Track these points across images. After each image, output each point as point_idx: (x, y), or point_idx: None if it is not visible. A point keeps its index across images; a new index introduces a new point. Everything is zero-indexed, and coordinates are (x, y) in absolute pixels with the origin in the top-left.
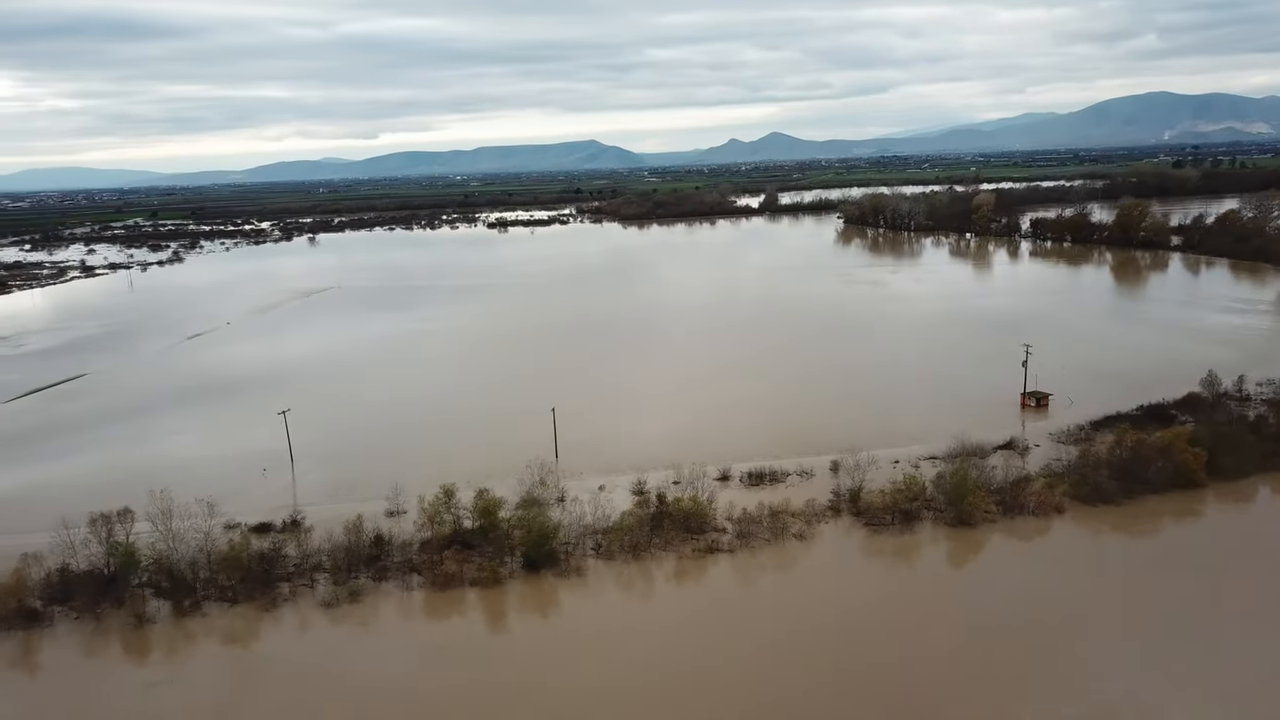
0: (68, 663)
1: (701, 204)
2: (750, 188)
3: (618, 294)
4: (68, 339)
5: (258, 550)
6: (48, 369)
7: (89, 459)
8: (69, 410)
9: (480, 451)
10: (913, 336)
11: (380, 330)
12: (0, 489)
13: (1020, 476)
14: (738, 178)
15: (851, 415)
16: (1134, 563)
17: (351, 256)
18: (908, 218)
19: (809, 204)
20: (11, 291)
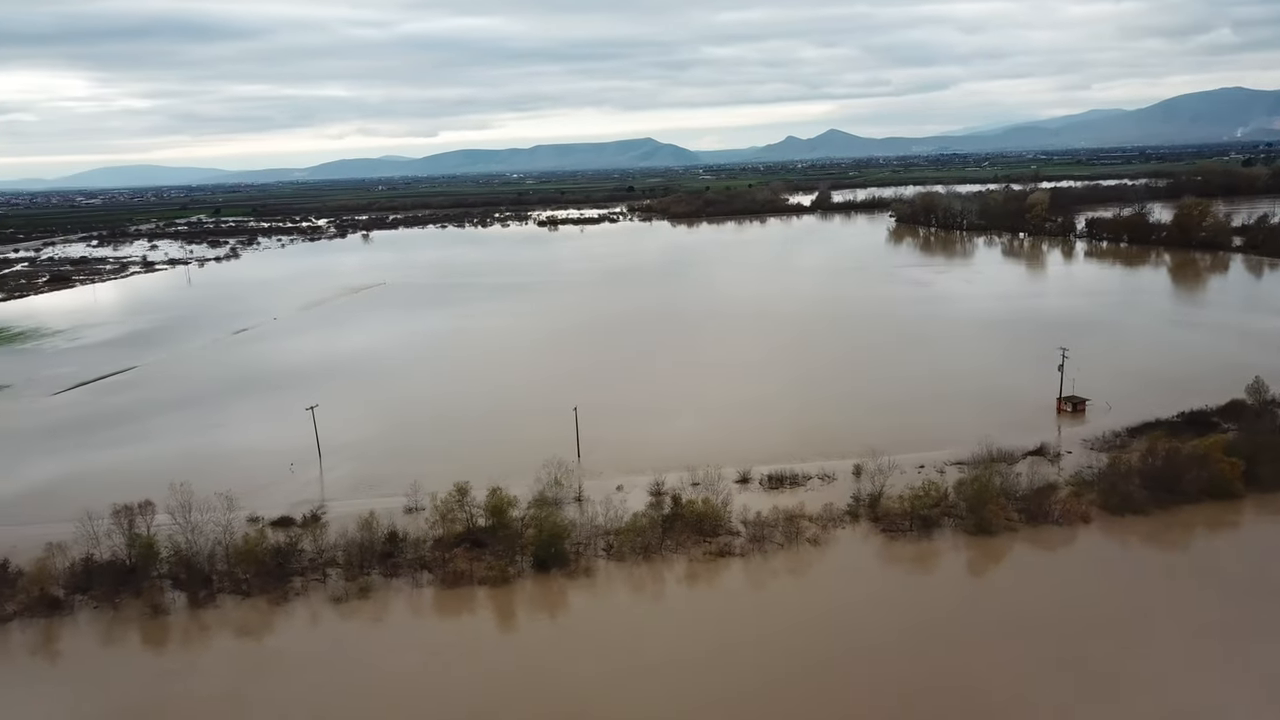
0: (86, 651)
1: (752, 202)
2: (804, 186)
3: (658, 292)
4: (122, 333)
5: (272, 545)
6: (100, 362)
7: (127, 451)
8: (114, 402)
9: (507, 449)
10: (953, 338)
11: (421, 327)
12: (40, 479)
13: (1045, 484)
14: (793, 175)
15: (882, 418)
16: (1161, 574)
17: (402, 253)
18: (960, 217)
19: (861, 202)
20: (74, 286)
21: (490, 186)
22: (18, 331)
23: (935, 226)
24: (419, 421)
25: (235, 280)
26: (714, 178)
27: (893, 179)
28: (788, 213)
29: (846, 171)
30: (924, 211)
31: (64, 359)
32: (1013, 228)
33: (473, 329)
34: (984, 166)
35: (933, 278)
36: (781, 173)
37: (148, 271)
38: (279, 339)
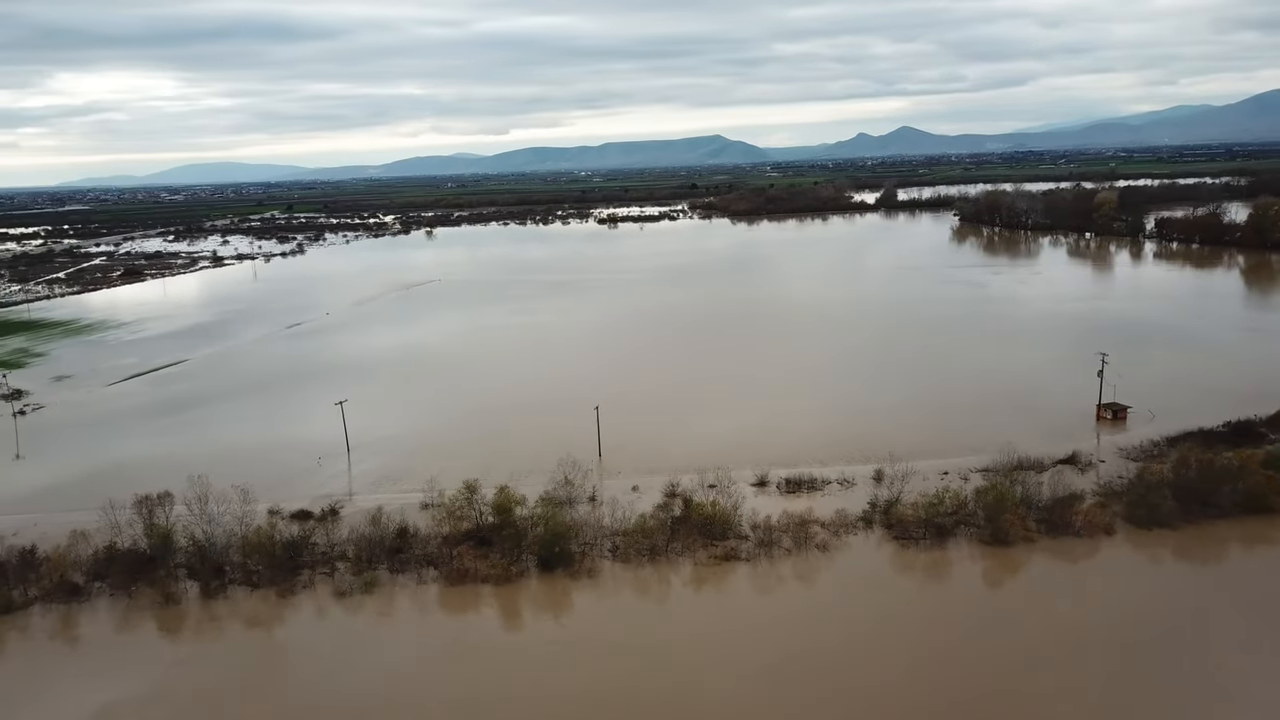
0: (102, 638)
1: (815, 199)
2: (871, 183)
3: (704, 291)
4: (182, 326)
5: (284, 538)
6: (157, 354)
7: (168, 441)
8: (163, 393)
9: (534, 446)
10: (1000, 341)
11: (466, 324)
12: (81, 467)
13: (1067, 494)
14: (861, 173)
15: (915, 422)
16: (1184, 590)
17: (461, 250)
18: (1024, 216)
19: (927, 200)
20: (145, 280)
21: (557, 184)
22: (86, 323)
23: (999, 226)
24: (451, 417)
25: (297, 275)
26: (781, 175)
27: (963, 177)
28: (851, 210)
29: (916, 169)
30: (988, 211)
31: (125, 350)
32: (1079, 227)
33: (516, 326)
34: (1059, 164)
35: (989, 279)
36: (850, 170)
37: (216, 266)
38: (327, 334)
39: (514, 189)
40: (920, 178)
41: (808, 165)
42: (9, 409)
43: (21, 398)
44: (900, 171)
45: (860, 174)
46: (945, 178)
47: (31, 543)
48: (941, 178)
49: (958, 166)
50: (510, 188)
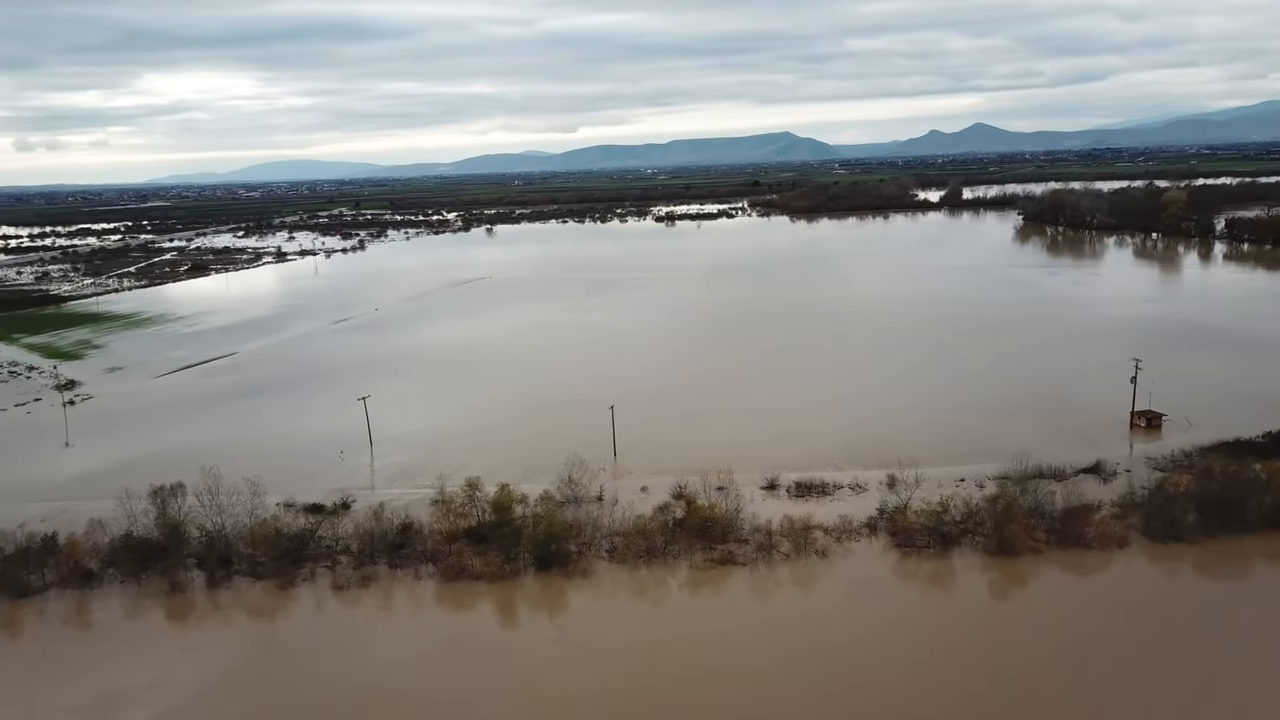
0: (112, 624)
1: (878, 197)
2: (938, 181)
3: (749, 290)
4: (237, 319)
5: (289, 530)
6: (209, 347)
7: (203, 431)
8: (207, 385)
9: (552, 444)
10: (1043, 343)
11: (508, 321)
12: (116, 457)
13: (1079, 504)
14: (930, 170)
15: (939, 426)
16: (1197, 608)
17: (517, 247)
18: (1089, 215)
19: (991, 199)
20: (210, 274)
21: (622, 182)
22: (146, 317)
23: (1063, 226)
24: (477, 414)
25: (354, 271)
26: (848, 173)
27: (1036, 175)
28: (913, 209)
29: (987, 167)
30: (1052, 210)
31: (178, 343)
32: (1145, 228)
33: (556, 324)
34: (1137, 162)
35: (1044, 280)
36: (919, 167)
37: (279, 262)
38: (371, 330)
39: (577, 187)
40: (990, 176)
41: (876, 163)
42: (60, 399)
43: (74, 388)
44: (970, 169)
45: (929, 172)
46: (1016, 176)
47: (54, 530)
48: (1012, 176)
49: (1030, 164)
50: (573, 185)
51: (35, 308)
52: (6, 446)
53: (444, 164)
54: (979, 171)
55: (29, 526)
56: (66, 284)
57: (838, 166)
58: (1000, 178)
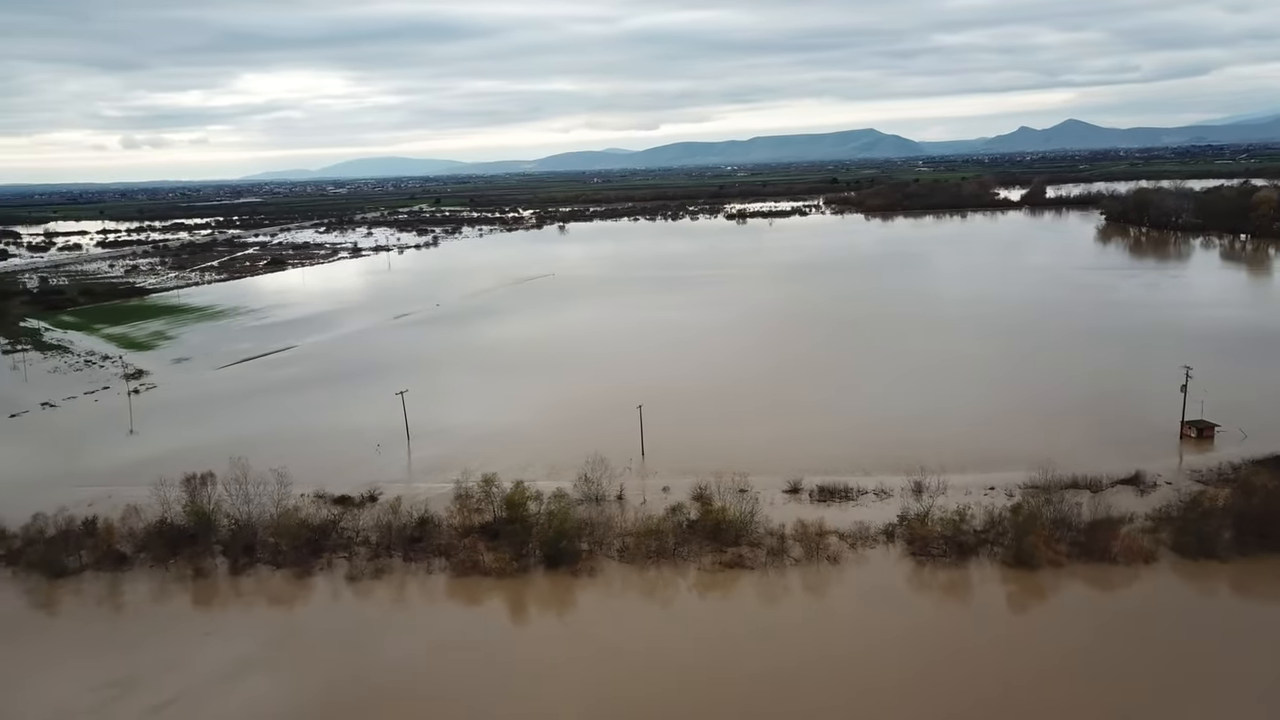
0: (139, 606)
1: (957, 196)
2: (1024, 179)
3: (810, 289)
4: (304, 313)
5: (312, 520)
6: (270, 340)
7: (252, 421)
8: (264, 377)
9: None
10: (1103, 348)
11: (564, 318)
12: (166, 445)
13: (1105, 517)
14: (1017, 168)
15: (978, 431)
16: (1222, 630)
17: (584, 245)
18: (1174, 215)
19: (1074, 198)
20: (286, 269)
21: (700, 179)
22: (220, 309)
23: (1147, 226)
24: (517, 410)
25: (424, 268)
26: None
27: (1128, 173)
28: (993, 208)
29: (1077, 165)
30: (1135, 209)
31: (245, 336)
32: (1234, 229)
33: (610, 321)
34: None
35: (1118, 282)
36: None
37: (354, 257)
38: (429, 326)
39: (653, 184)
40: (1080, 174)
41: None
42: (126, 388)
43: (141, 377)
44: (1059, 167)
45: (1016, 169)
46: (1107, 174)
47: (94, 514)
48: (1102, 173)
49: (1124, 162)
50: (650, 183)
51: (121, 299)
52: (72, 432)
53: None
54: (1067, 169)
55: (77, 510)
56: (153, 277)
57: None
58: (1089, 176)
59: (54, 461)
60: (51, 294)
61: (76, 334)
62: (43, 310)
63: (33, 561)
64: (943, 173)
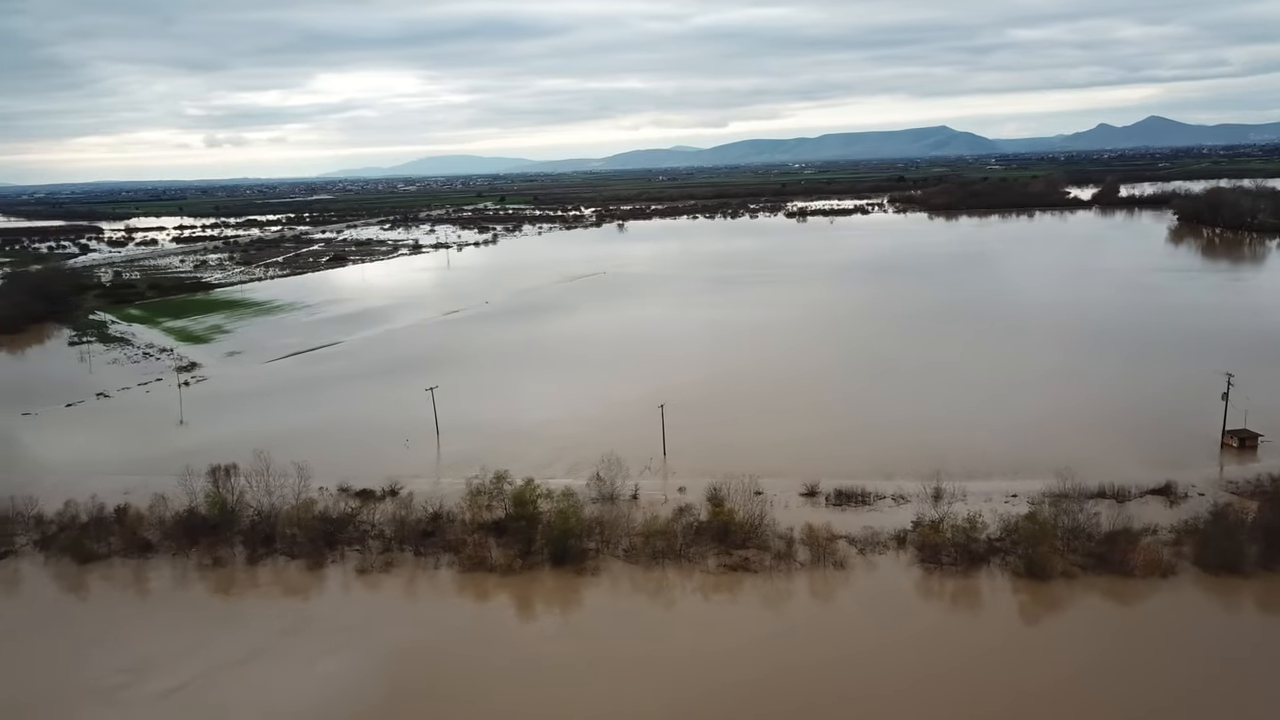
0: (161, 592)
1: (1024, 195)
2: (1099, 177)
3: (858, 289)
4: (356, 309)
5: (331, 513)
6: (320, 335)
7: (292, 414)
8: (308, 371)
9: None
10: (1150, 353)
11: (609, 316)
12: (205, 436)
13: (1122, 528)
14: (1094, 166)
15: (1015, 438)
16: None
17: (640, 243)
18: (1249, 215)
19: (1148, 197)
20: (347, 265)
21: (765, 177)
22: (278, 304)
23: (1221, 226)
24: (550, 406)
25: (480, 264)
26: (1004, 168)
27: (1210, 171)
28: (1062, 207)
29: (1156, 163)
30: (1209, 209)
31: (297, 330)
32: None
33: (654, 319)
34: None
35: (1180, 285)
36: (1082, 163)
37: (414, 254)
38: (476, 322)
39: (717, 182)
40: (1158, 172)
41: (1036, 158)
42: (177, 380)
43: (193, 370)
44: (1136, 165)
45: (1092, 168)
46: (1186, 172)
47: (126, 502)
48: (1181, 172)
49: (1207, 160)
50: (715, 181)
51: (187, 294)
52: (123, 422)
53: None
54: (1146, 167)
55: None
56: (220, 272)
57: (993, 162)
58: (1168, 174)
59: (102, 450)
60: (122, 288)
61: (140, 327)
62: (112, 303)
63: (63, 546)
64: (1014, 171)
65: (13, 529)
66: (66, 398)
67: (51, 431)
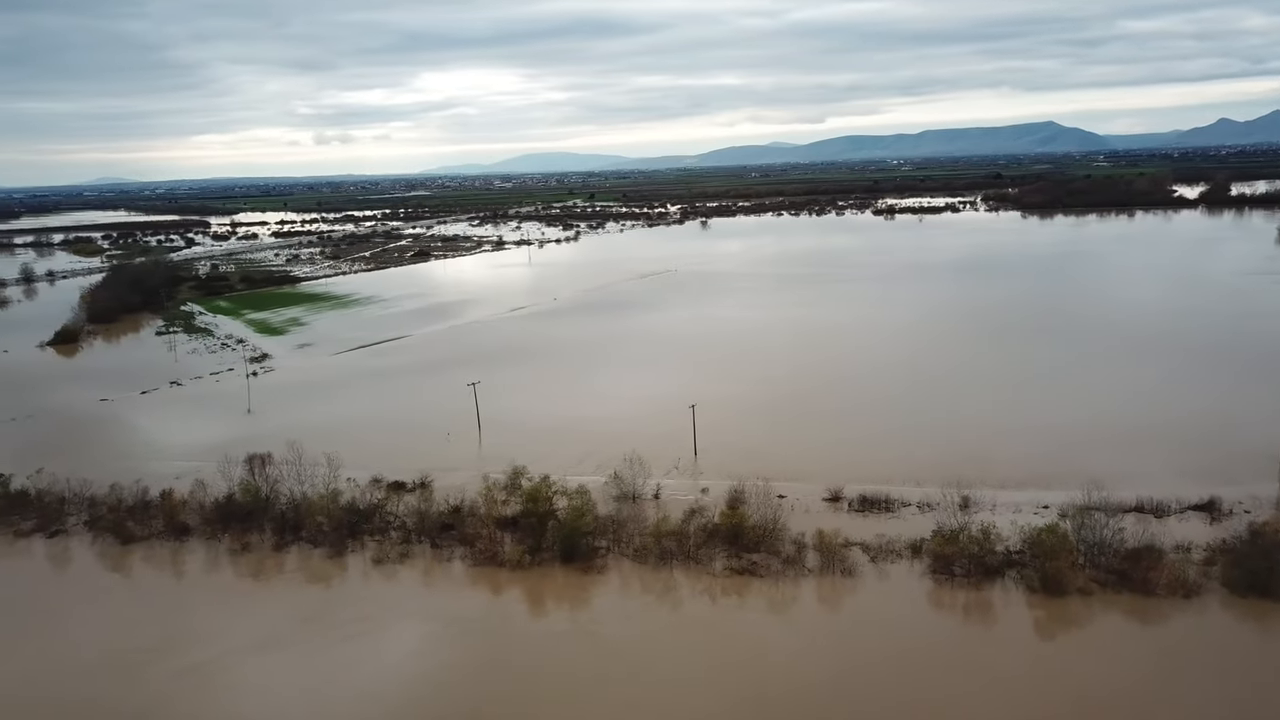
0: (191, 575)
1: (1126, 193)
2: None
3: (928, 290)
4: (428, 303)
5: (357, 504)
6: (390, 328)
7: (348, 405)
8: (371, 364)
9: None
10: (1226, 362)
11: (671, 315)
12: (267, 425)
13: (1145, 544)
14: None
15: (1063, 448)
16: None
17: (719, 241)
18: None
19: (1260, 196)
20: (429, 260)
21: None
22: (356, 298)
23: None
24: (596, 404)
25: (557, 261)
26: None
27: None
28: (1167, 206)
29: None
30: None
31: (368, 324)
32: None
33: (717, 319)
34: None
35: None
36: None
37: (496, 250)
38: (540, 319)
39: (808, 179)
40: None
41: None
42: (246, 370)
43: (264, 361)
44: (1256, 162)
45: (1207, 165)
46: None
47: (170, 488)
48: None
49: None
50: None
51: (273, 286)
52: (189, 409)
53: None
54: (1266, 164)
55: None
56: (309, 266)
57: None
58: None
59: (169, 436)
60: (215, 280)
61: (224, 318)
62: (204, 295)
63: (106, 527)
64: (1122, 168)
65: (66, 509)
66: (143, 385)
67: (123, 417)
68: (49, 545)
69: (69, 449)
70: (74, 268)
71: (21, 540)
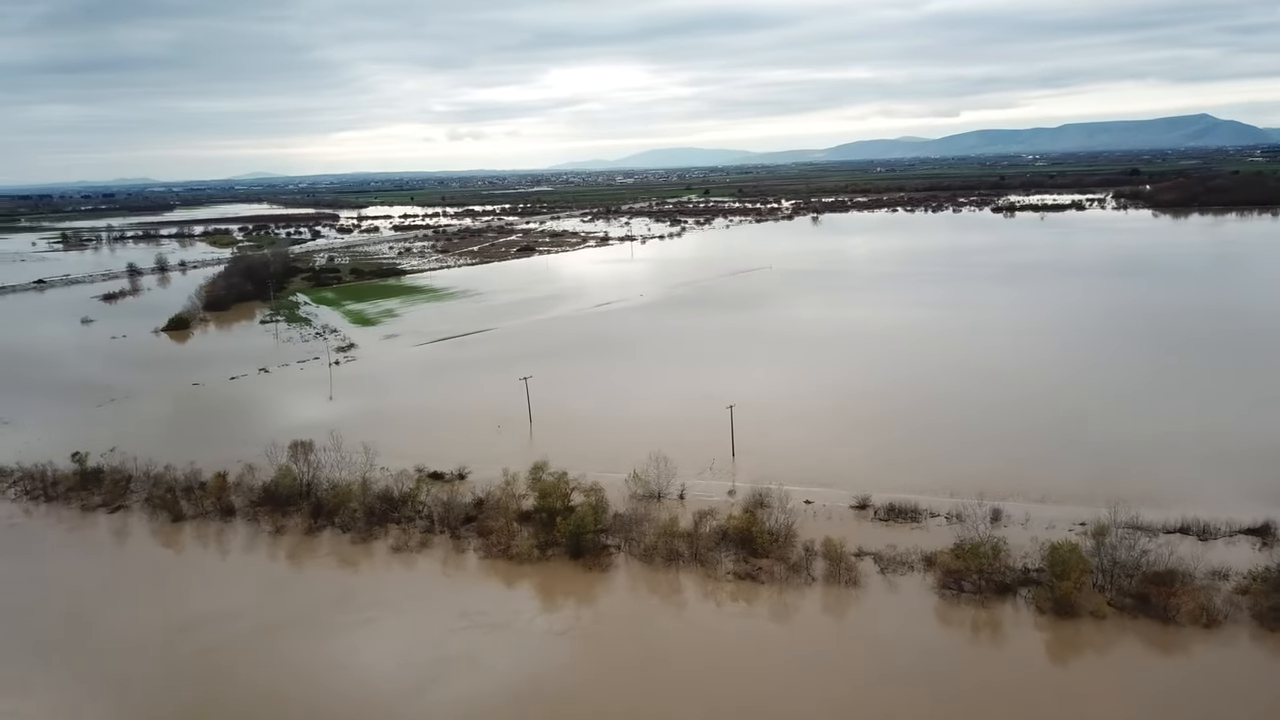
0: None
1: (1272, 190)
2: None
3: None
4: (519, 298)
5: (384, 492)
6: (476, 321)
7: (419, 396)
8: (449, 356)
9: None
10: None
11: (752, 315)
12: (336, 412)
13: (1167, 569)
14: None
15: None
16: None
17: (825, 237)
18: None
19: None
20: (532, 255)
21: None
22: (452, 292)
23: None
24: (655, 402)
25: (659, 257)
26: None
27: None
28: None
29: None
30: None
31: (457, 317)
32: None
33: (802, 320)
34: None
35: None
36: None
37: (601, 246)
38: (624, 315)
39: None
40: None
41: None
42: (330, 359)
43: (349, 350)
44: None
45: None
46: None
47: (225, 470)
48: None
49: None
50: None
51: (379, 279)
52: (271, 395)
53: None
54: None
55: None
56: (418, 259)
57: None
58: None
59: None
60: (326, 272)
61: (325, 308)
62: (314, 286)
63: (160, 504)
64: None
65: (131, 487)
66: (235, 371)
67: (208, 401)
68: (110, 519)
69: (152, 429)
70: (205, 258)
71: (89, 514)
